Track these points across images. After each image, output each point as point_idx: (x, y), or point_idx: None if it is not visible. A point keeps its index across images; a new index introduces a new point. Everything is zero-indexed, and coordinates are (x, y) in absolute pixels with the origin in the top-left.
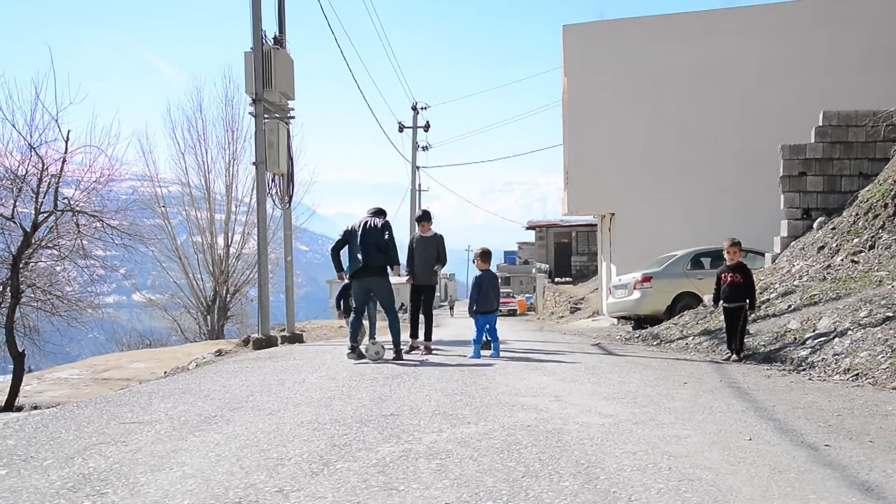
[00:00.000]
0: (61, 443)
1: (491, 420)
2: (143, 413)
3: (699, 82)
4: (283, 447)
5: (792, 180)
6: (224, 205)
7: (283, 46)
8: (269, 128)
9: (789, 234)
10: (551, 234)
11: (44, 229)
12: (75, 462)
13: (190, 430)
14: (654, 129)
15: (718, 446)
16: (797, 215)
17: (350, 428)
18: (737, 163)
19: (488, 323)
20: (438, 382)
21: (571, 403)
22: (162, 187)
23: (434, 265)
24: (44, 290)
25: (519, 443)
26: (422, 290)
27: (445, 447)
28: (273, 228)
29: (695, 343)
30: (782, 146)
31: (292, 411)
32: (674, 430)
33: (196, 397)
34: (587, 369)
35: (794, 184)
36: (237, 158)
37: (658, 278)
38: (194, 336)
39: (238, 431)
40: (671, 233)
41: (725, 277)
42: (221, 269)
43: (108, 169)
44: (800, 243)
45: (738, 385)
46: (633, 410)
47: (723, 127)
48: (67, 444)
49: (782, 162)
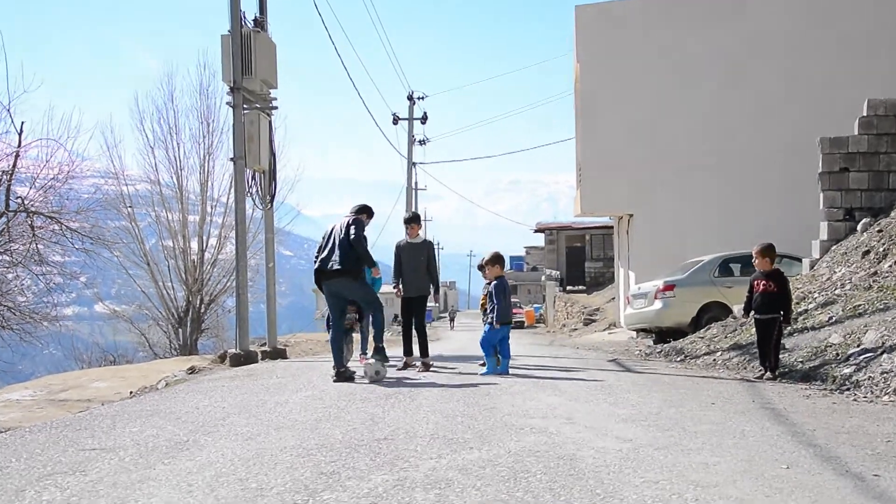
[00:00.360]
0: (10, 473)
1: (496, 445)
2: (105, 438)
3: (727, 68)
4: (263, 476)
5: (833, 177)
6: (198, 205)
7: (265, 29)
8: (249, 119)
9: (830, 238)
10: (562, 238)
11: None
12: (27, 495)
13: (158, 458)
14: (676, 120)
15: (751, 475)
16: (838, 216)
17: (338, 454)
18: (769, 158)
19: (504, 335)
20: (437, 403)
21: (585, 426)
22: (128, 185)
23: (425, 273)
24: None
25: (527, 470)
26: (413, 302)
27: (445, 475)
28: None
29: (723, 359)
30: (821, 139)
31: (274, 435)
32: (700, 456)
33: (166, 420)
34: (603, 388)
35: (835, 181)
36: (213, 153)
37: (682, 286)
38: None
39: (212, 458)
40: (696, 236)
41: (758, 285)
42: (195, 277)
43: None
44: (842, 247)
45: (773, 406)
46: (655, 434)
47: (753, 118)
48: (18, 474)
49: (822, 156)
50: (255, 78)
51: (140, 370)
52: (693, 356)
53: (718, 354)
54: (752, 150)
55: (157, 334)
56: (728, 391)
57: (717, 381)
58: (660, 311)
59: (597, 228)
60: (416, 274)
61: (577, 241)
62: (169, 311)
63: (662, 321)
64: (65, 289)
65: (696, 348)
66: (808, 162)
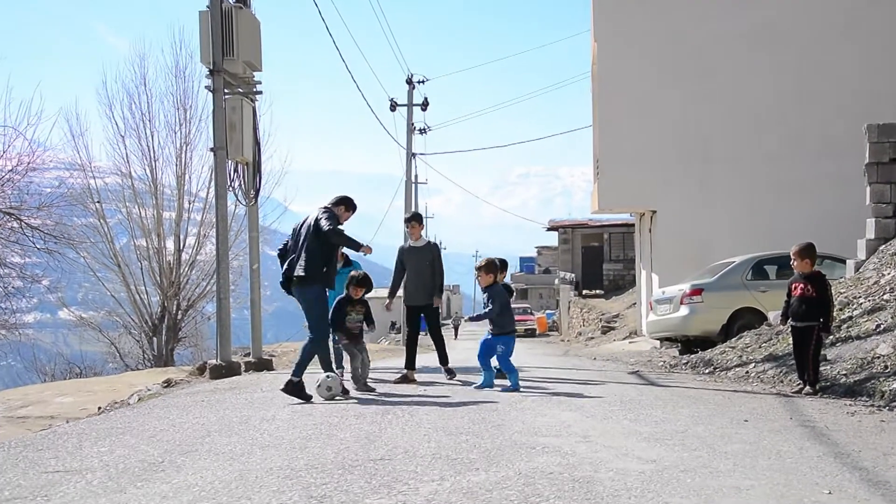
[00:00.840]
0: None
1: (504, 466)
2: (70, 459)
3: (759, 50)
4: (246, 500)
5: (881, 168)
6: (174, 200)
7: (248, 5)
8: (231, 106)
9: (877, 236)
10: (578, 237)
11: None
12: None
13: (130, 480)
14: (703, 107)
15: (789, 501)
16: (888, 212)
17: (330, 475)
18: (807, 148)
19: (506, 347)
20: (439, 419)
21: (604, 445)
22: (97, 178)
23: (431, 279)
24: None
25: (539, 494)
26: (420, 312)
27: (448, 499)
28: (236, 229)
29: (757, 371)
30: (868, 126)
31: (259, 455)
32: (732, 479)
33: (138, 439)
34: (623, 403)
35: (883, 173)
36: (191, 143)
37: (711, 291)
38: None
39: (191, 481)
40: (725, 235)
41: (796, 289)
42: (171, 280)
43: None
44: (891, 247)
45: (813, 424)
46: (681, 455)
47: (789, 105)
48: None
49: (868, 146)
50: (238, 59)
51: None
52: (723, 368)
53: (752, 366)
54: (788, 140)
55: (129, 343)
56: (762, 407)
57: (751, 395)
58: (686, 318)
59: (616, 226)
60: (420, 280)
61: (594, 241)
62: (142, 318)
63: (689, 329)
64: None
65: (726, 359)
66: (852, 152)
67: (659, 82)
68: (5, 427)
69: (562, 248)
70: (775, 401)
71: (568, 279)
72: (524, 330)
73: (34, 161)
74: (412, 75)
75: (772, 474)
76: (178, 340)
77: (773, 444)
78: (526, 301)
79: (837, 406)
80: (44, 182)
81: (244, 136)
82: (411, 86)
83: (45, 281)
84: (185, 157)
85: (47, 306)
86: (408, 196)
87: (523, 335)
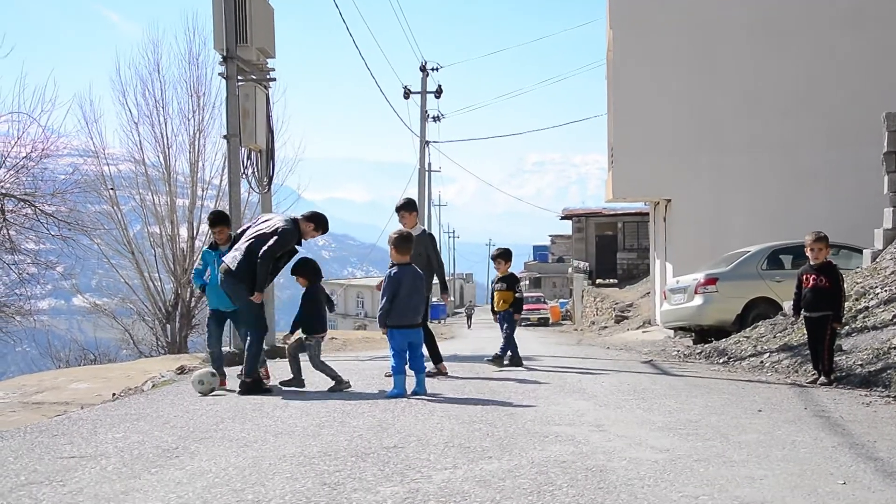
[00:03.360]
0: None
1: (517, 454)
2: (85, 445)
3: (774, 37)
4: (260, 486)
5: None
6: (188, 187)
7: None
8: (244, 93)
9: (895, 226)
10: (592, 226)
11: None
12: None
13: (144, 467)
14: (719, 95)
15: (803, 490)
16: None
17: (343, 463)
18: (824, 136)
19: (411, 342)
20: (452, 407)
21: (617, 434)
22: (110, 165)
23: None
24: None
25: (552, 483)
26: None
27: (461, 487)
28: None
29: (772, 361)
30: (887, 114)
31: (272, 442)
32: (746, 469)
33: (152, 425)
34: (636, 392)
35: None
36: (204, 130)
37: (725, 280)
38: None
39: (205, 467)
40: (740, 224)
41: (807, 280)
42: (185, 268)
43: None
44: None
45: (828, 414)
46: (695, 444)
47: (804, 93)
48: None
49: (887, 134)
50: (251, 46)
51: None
52: (737, 358)
53: (766, 356)
54: (804, 128)
55: (143, 330)
56: (777, 397)
57: (765, 385)
58: (700, 308)
59: (630, 215)
60: None
61: (608, 230)
62: (155, 305)
63: (703, 319)
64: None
65: (740, 349)
66: (868, 141)
67: (674, 70)
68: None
69: (576, 236)
70: (790, 391)
71: (581, 268)
72: (537, 319)
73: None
74: (426, 62)
75: (786, 464)
76: (191, 327)
77: (787, 435)
78: (539, 290)
79: (853, 396)
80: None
81: (257, 123)
82: (425, 73)
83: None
84: (198, 144)
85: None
86: (421, 184)
87: (536, 324)
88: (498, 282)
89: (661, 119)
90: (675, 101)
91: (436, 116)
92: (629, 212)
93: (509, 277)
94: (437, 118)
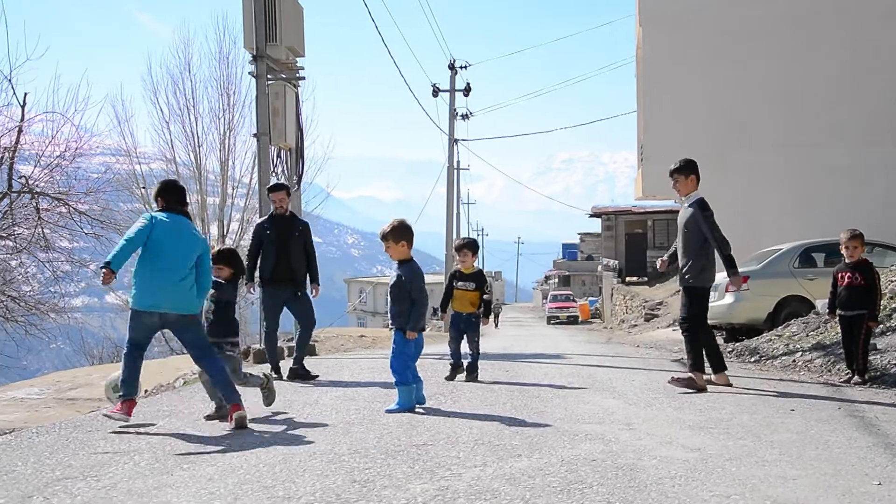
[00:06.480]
0: (17, 477)
1: (547, 452)
2: (118, 441)
3: (805, 33)
4: (290, 483)
5: None
6: (218, 186)
7: None
8: (274, 91)
9: None
10: (621, 224)
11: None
12: (34, 501)
13: (176, 463)
14: (749, 92)
15: (837, 491)
16: None
17: (373, 460)
18: (856, 134)
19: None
20: (481, 405)
21: (647, 433)
22: (142, 164)
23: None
24: None
25: (582, 481)
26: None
27: (490, 485)
28: None
29: (804, 360)
30: None
31: (302, 439)
32: (778, 468)
33: (184, 422)
34: (667, 391)
35: None
36: (234, 129)
37: (757, 278)
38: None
39: (236, 464)
40: (772, 222)
41: (842, 278)
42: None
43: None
44: None
45: (862, 414)
46: (726, 443)
47: (835, 89)
48: (25, 479)
49: None
50: (281, 45)
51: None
52: (769, 357)
53: (799, 355)
54: (836, 125)
55: None
56: (810, 396)
57: (797, 384)
58: (731, 306)
59: (660, 213)
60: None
61: (637, 228)
62: None
63: (734, 317)
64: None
65: (772, 348)
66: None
67: (704, 67)
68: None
69: (605, 234)
70: (823, 390)
71: (611, 266)
72: (566, 317)
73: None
74: (454, 60)
75: (819, 464)
76: None
77: (820, 434)
78: (568, 288)
79: (887, 396)
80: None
81: (287, 121)
82: (454, 71)
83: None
84: (228, 142)
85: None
86: (450, 182)
87: (565, 322)
88: (463, 279)
89: (691, 116)
90: (705, 98)
91: (464, 114)
92: (659, 210)
93: (478, 275)
94: (466, 116)
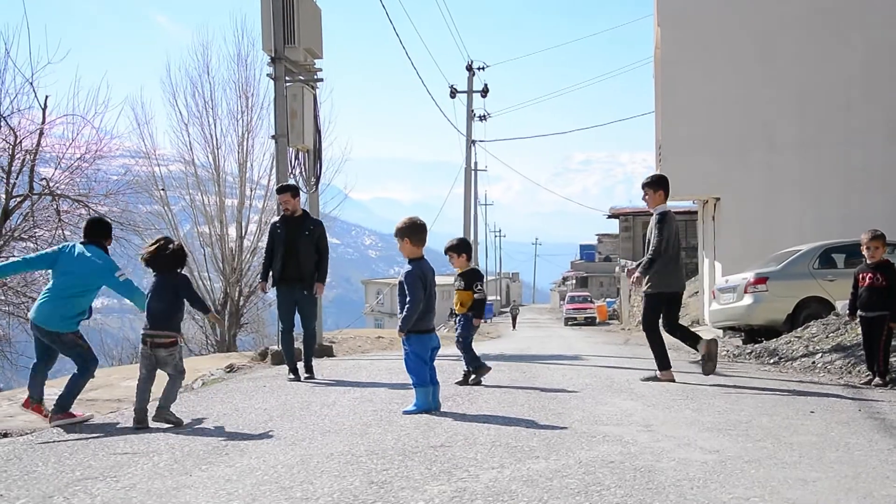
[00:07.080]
0: (38, 478)
1: (564, 454)
2: (138, 442)
3: (825, 33)
4: (308, 484)
5: None
6: (236, 188)
7: None
8: (292, 93)
9: None
10: (639, 225)
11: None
12: (55, 501)
13: (195, 463)
14: (768, 92)
15: (857, 494)
16: None
17: (391, 461)
18: (879, 133)
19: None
20: (499, 406)
21: (665, 435)
22: (161, 166)
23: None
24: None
25: (600, 483)
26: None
27: (508, 487)
28: None
29: (824, 362)
30: None
31: (320, 440)
32: (798, 471)
33: (202, 423)
34: (685, 392)
35: None
36: (252, 131)
37: (776, 279)
38: (200, 348)
39: (254, 465)
40: (792, 222)
41: (863, 279)
42: (233, 267)
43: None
44: None
45: (883, 416)
46: (745, 445)
47: (856, 89)
48: (45, 479)
49: None
50: (299, 47)
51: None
52: (789, 358)
53: (818, 357)
54: (857, 125)
55: (193, 329)
56: (830, 398)
57: (817, 386)
58: (750, 307)
59: (679, 214)
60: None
61: None
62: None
63: (753, 318)
64: None
65: (792, 349)
66: None
67: (723, 67)
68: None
69: (623, 235)
70: (843, 392)
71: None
72: (584, 318)
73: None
74: (472, 62)
75: (840, 467)
76: (240, 326)
77: (840, 436)
78: (586, 289)
79: None
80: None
81: (305, 123)
82: (471, 72)
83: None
84: (246, 144)
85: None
86: (467, 183)
87: (583, 323)
88: (455, 279)
89: (710, 116)
90: (725, 97)
91: (482, 116)
92: (678, 210)
93: (468, 273)
94: (483, 117)
